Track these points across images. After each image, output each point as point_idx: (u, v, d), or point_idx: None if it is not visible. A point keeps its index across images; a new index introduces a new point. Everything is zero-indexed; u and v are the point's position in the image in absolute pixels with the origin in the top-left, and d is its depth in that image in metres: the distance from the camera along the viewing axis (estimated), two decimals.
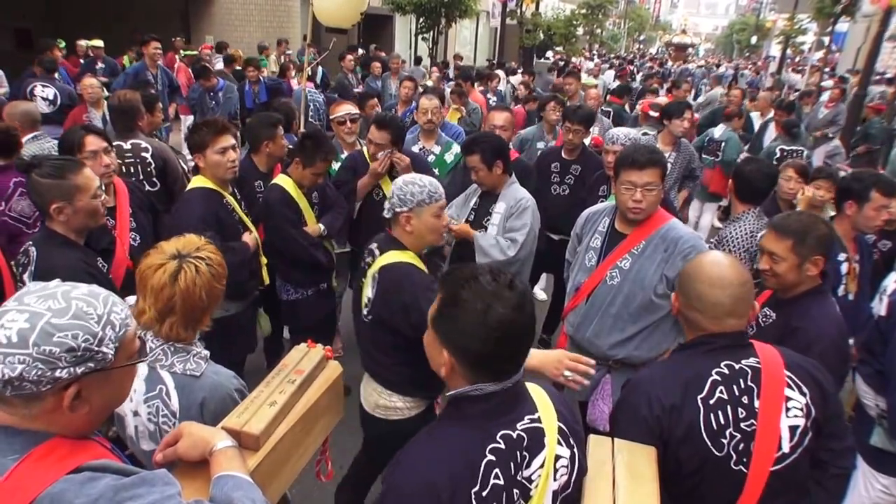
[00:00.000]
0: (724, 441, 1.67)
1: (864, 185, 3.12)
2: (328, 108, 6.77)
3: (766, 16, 42.09)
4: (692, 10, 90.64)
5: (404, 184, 2.34)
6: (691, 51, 42.24)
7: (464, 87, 7.53)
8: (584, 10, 28.41)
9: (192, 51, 10.93)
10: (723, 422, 1.67)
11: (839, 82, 14.88)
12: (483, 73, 11.28)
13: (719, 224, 7.27)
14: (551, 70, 16.19)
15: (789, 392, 1.70)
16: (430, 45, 18.58)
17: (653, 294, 2.62)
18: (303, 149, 3.35)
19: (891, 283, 2.74)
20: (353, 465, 2.81)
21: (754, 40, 43.61)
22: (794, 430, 1.69)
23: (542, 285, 5.69)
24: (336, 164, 4.05)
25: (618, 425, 1.78)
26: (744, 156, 6.26)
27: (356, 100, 6.13)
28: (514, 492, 1.30)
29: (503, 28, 22.37)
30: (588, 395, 2.79)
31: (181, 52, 10.32)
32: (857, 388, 2.73)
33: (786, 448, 1.68)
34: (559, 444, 1.38)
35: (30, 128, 4.04)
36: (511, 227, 3.26)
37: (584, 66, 18.82)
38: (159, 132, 5.62)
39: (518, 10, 23.39)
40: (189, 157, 5.22)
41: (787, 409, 1.69)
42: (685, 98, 8.71)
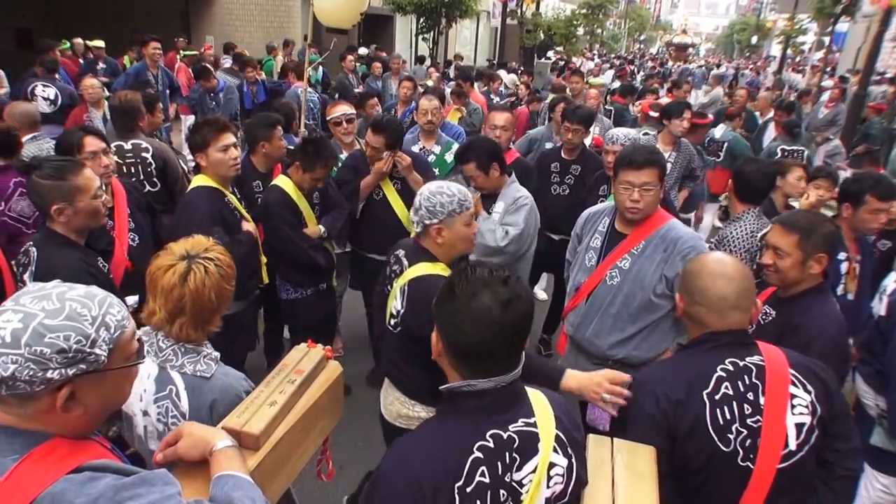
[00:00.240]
0: (731, 437, 1.67)
1: (859, 188, 3.12)
2: (323, 108, 6.79)
3: (766, 16, 42.14)
4: (693, 10, 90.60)
5: (431, 194, 2.21)
6: (692, 51, 42.21)
7: (464, 87, 7.53)
8: (584, 10, 28.38)
9: (193, 51, 10.93)
10: (729, 417, 1.68)
11: (840, 82, 14.87)
12: (484, 73, 11.27)
13: (719, 224, 7.27)
14: (553, 70, 16.19)
15: (794, 389, 1.71)
16: (431, 46, 18.58)
17: (652, 294, 2.62)
18: (304, 153, 3.34)
19: (891, 282, 2.74)
20: (366, 479, 2.79)
21: (755, 40, 43.67)
22: (800, 427, 1.69)
23: (542, 285, 5.70)
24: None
25: (626, 425, 1.78)
26: None
27: (356, 99, 6.14)
28: (501, 492, 1.30)
29: (503, 28, 22.37)
30: None
31: (182, 52, 10.32)
32: (857, 387, 2.73)
33: (793, 446, 1.68)
34: (555, 451, 1.37)
35: (29, 128, 4.04)
36: (506, 222, 3.28)
37: (585, 67, 18.83)
38: (159, 132, 5.63)
39: (518, 10, 23.37)
40: (189, 158, 5.23)
41: (793, 407, 1.69)
42: (685, 98, 8.71)
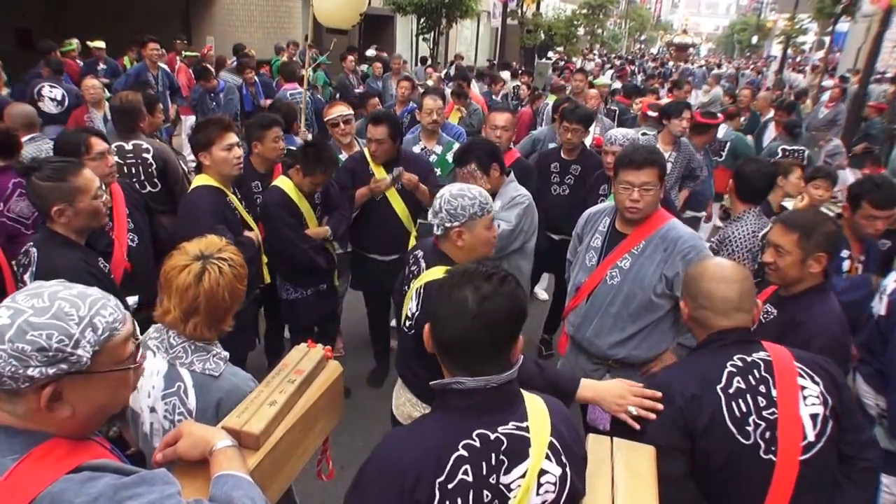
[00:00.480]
0: (750, 429, 1.69)
1: (858, 193, 3.13)
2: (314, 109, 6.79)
3: (766, 16, 42.12)
4: (693, 10, 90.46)
5: (452, 197, 2.18)
6: (692, 51, 42.23)
7: (464, 87, 7.53)
8: (584, 11, 28.37)
9: (194, 52, 10.92)
10: (745, 409, 1.70)
11: (840, 82, 14.86)
12: (485, 74, 11.26)
13: (720, 224, 7.26)
14: (555, 70, 16.20)
15: (802, 381, 1.74)
16: (431, 46, 18.57)
17: (652, 294, 2.62)
18: (305, 157, 3.34)
19: (891, 282, 2.73)
20: None
21: (755, 40, 43.63)
22: (814, 417, 1.72)
23: (543, 285, 5.70)
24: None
25: (646, 430, 1.77)
26: None
27: (357, 99, 6.14)
28: (486, 493, 1.29)
29: (504, 28, 22.36)
30: None
31: (183, 53, 10.31)
32: (858, 387, 2.72)
33: (811, 436, 1.70)
34: (547, 458, 1.35)
35: (28, 129, 4.03)
36: (499, 217, 3.27)
37: (586, 67, 18.79)
38: (160, 133, 5.63)
39: (519, 11, 23.37)
40: (190, 158, 5.23)
41: (804, 398, 1.72)
42: (686, 98, 8.70)
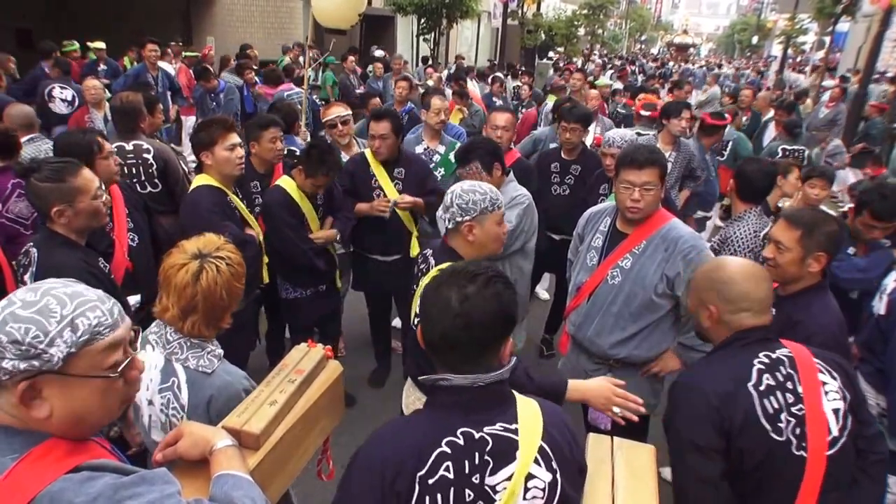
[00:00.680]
0: (782, 426, 1.70)
1: (862, 200, 3.21)
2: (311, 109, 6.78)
3: (766, 16, 42.13)
4: (693, 11, 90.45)
5: (464, 192, 2.19)
6: (693, 51, 42.24)
7: (465, 87, 7.53)
8: (585, 11, 28.35)
9: (194, 52, 10.92)
10: (777, 406, 1.71)
11: (841, 82, 14.85)
12: (485, 73, 11.27)
13: (720, 223, 7.26)
14: (556, 70, 16.21)
15: (822, 377, 1.76)
16: (432, 47, 18.57)
17: (653, 293, 2.62)
18: (308, 158, 3.33)
19: (891, 282, 2.74)
20: None
21: (755, 40, 43.64)
22: (836, 412, 1.74)
23: (544, 285, 5.70)
24: None
25: (679, 432, 1.76)
26: None
27: (358, 100, 6.13)
28: (468, 493, 1.29)
29: (504, 29, 22.34)
30: None
31: (182, 53, 10.31)
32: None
33: (835, 431, 1.72)
34: (536, 463, 1.33)
35: (27, 130, 4.03)
36: None
37: (587, 68, 18.77)
38: (160, 133, 5.63)
39: (519, 11, 23.35)
40: (191, 159, 5.23)
41: (826, 393, 1.74)
42: (686, 98, 8.70)
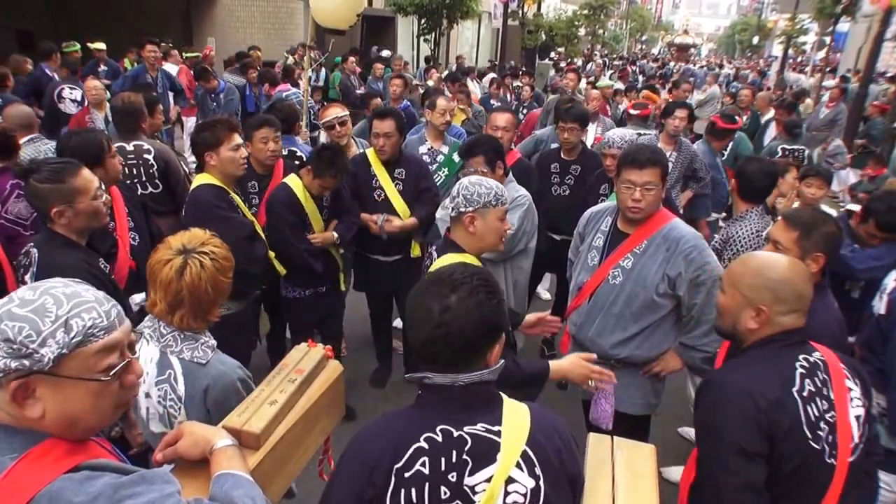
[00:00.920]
0: (821, 433, 1.67)
1: (868, 209, 3.29)
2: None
3: (767, 16, 42.11)
4: (694, 11, 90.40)
5: (470, 184, 2.27)
6: (693, 51, 42.22)
7: (466, 88, 7.53)
8: (585, 11, 28.34)
9: (194, 52, 10.94)
10: (817, 413, 1.68)
11: (841, 82, 14.85)
12: (485, 73, 11.29)
13: (721, 223, 7.26)
14: (557, 71, 16.21)
15: (849, 383, 1.74)
16: (432, 47, 18.57)
17: (654, 293, 2.62)
18: (318, 158, 3.35)
19: (891, 281, 2.73)
20: None
21: (756, 41, 43.62)
22: (858, 419, 1.72)
23: (545, 285, 5.70)
24: None
25: (721, 434, 1.68)
26: None
27: (359, 100, 6.13)
28: (443, 490, 1.29)
29: (505, 29, 22.34)
30: (590, 393, 2.79)
31: (183, 55, 10.33)
32: None
33: (856, 438, 1.71)
34: (518, 467, 1.32)
35: (26, 130, 4.02)
36: None
37: (588, 69, 18.79)
38: (160, 134, 5.63)
39: (520, 11, 23.35)
40: (191, 160, 5.24)
41: (851, 400, 1.72)
42: (686, 98, 8.71)
